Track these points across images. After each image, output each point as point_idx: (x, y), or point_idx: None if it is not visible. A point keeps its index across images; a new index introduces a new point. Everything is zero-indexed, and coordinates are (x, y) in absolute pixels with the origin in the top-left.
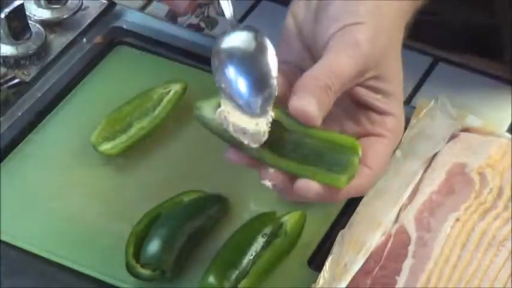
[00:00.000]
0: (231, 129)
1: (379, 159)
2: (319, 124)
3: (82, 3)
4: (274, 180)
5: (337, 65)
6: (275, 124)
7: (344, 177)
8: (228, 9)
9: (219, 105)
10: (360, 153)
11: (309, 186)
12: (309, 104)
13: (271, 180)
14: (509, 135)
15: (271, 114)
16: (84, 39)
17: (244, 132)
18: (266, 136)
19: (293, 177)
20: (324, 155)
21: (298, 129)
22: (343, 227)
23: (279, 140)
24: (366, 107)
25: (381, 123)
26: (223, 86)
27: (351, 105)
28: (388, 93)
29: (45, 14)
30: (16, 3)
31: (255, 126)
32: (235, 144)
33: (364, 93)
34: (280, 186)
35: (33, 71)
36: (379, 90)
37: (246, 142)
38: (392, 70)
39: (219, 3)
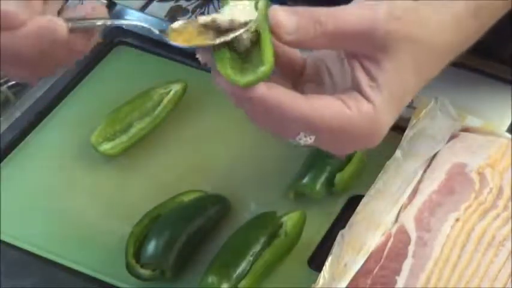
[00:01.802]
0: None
1: (325, 109)
2: (286, 39)
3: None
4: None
5: (343, 11)
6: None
7: (239, 77)
8: None
9: None
10: (266, 68)
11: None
12: (287, 17)
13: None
14: (509, 135)
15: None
16: None
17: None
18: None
19: None
20: (252, 60)
21: (260, 30)
22: (343, 227)
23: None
24: (356, 88)
25: (356, 101)
26: None
27: (347, 77)
28: (378, 82)
29: None
30: None
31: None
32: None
33: (361, 78)
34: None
35: None
36: (374, 78)
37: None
38: (394, 65)
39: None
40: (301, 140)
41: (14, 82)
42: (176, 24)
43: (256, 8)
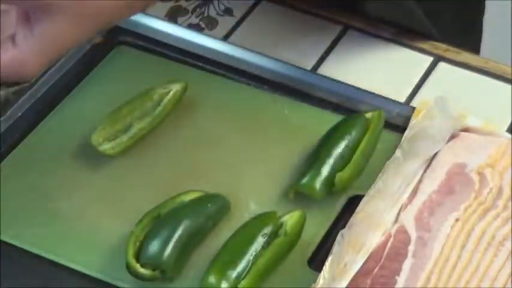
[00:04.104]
0: None
1: None
2: None
3: None
4: None
5: None
6: None
7: None
8: None
9: None
10: None
11: None
12: None
13: None
14: (509, 135)
15: None
16: None
17: None
18: None
19: None
20: None
21: None
22: (343, 227)
23: None
24: (12, 36)
25: (5, 49)
26: None
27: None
28: (33, 32)
29: None
30: None
31: None
32: None
33: (17, 27)
34: None
35: None
36: (29, 29)
37: None
38: (50, 21)
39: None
40: None
41: (14, 82)
42: None
43: None
